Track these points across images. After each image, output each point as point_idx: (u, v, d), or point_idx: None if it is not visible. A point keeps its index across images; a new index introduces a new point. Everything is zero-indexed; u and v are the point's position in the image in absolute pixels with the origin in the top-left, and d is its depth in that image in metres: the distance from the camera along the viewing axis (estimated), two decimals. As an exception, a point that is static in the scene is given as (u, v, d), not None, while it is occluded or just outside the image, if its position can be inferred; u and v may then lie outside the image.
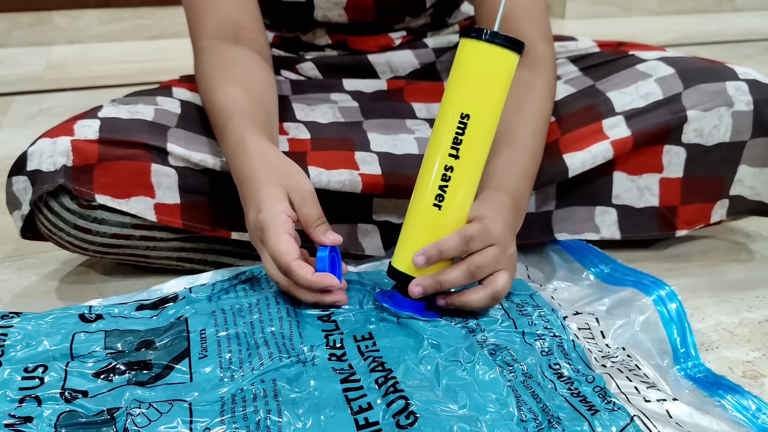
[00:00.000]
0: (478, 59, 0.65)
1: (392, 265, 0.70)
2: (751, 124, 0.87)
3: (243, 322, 0.67)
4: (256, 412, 0.56)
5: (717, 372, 0.71)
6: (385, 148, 0.87)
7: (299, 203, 0.70)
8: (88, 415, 0.56)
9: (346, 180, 0.82)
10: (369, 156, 0.86)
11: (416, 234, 0.68)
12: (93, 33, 2.24)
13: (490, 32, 0.64)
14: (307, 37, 0.98)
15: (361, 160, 0.85)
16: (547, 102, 0.86)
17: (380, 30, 0.97)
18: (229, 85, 0.81)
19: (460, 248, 0.67)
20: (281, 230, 0.67)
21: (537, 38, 0.86)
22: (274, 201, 0.69)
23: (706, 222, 0.92)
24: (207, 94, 0.83)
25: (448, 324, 0.68)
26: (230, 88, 0.81)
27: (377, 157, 0.86)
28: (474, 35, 0.65)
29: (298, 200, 0.70)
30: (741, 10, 2.83)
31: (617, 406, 0.59)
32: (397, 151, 0.87)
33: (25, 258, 0.94)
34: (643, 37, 2.15)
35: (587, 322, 0.73)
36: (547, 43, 0.88)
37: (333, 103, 0.96)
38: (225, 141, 0.78)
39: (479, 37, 0.65)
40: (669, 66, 0.90)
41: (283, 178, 0.71)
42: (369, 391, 0.59)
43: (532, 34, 0.86)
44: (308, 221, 0.70)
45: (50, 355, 0.64)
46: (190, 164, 0.82)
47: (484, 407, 0.58)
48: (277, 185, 0.71)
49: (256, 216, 0.69)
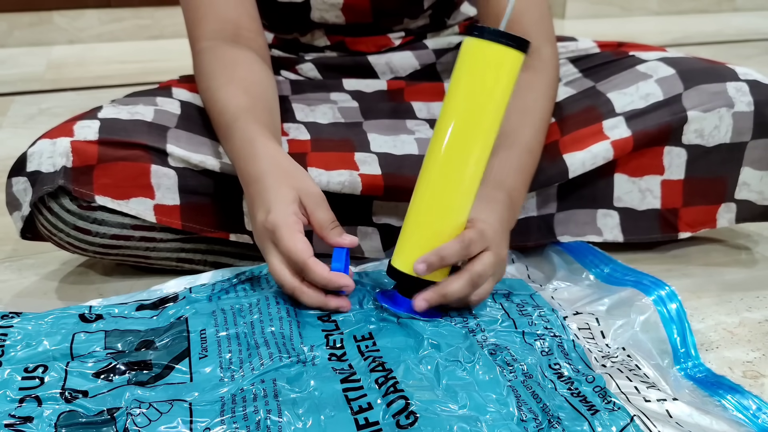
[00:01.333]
0: (483, 58, 0.64)
1: (392, 264, 0.69)
2: (752, 125, 0.86)
3: (243, 322, 0.67)
4: (256, 412, 0.56)
5: (717, 372, 0.71)
6: (385, 149, 0.87)
7: (312, 207, 0.70)
8: (88, 415, 0.56)
9: (345, 181, 0.82)
10: (369, 156, 0.86)
11: (416, 234, 0.68)
12: (93, 33, 2.24)
13: (495, 31, 0.63)
14: (306, 38, 0.98)
15: (360, 161, 0.85)
16: (548, 103, 0.86)
17: (378, 31, 0.97)
18: (232, 85, 0.81)
19: (461, 254, 0.67)
20: (294, 229, 0.67)
21: (541, 41, 0.86)
22: (285, 202, 0.69)
23: (711, 226, 0.91)
24: (209, 94, 0.83)
25: (448, 324, 0.68)
26: (233, 89, 0.81)
27: (377, 158, 0.86)
28: (478, 34, 0.64)
29: (312, 204, 0.70)
30: (741, 10, 2.83)
31: (617, 406, 0.59)
32: (397, 151, 0.87)
33: (25, 258, 0.94)
34: (643, 37, 2.15)
35: (587, 322, 0.74)
36: (550, 45, 0.88)
37: (333, 103, 0.96)
38: (230, 141, 0.78)
39: (483, 35, 0.64)
40: (669, 66, 0.90)
41: (293, 180, 0.71)
42: (369, 391, 0.59)
43: (536, 36, 0.85)
44: (322, 225, 0.70)
45: (50, 355, 0.64)
46: (190, 165, 0.82)
47: (485, 407, 0.58)
48: (288, 187, 0.70)
49: (266, 217, 0.69)
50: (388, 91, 0.98)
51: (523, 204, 0.88)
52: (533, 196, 0.89)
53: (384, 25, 0.96)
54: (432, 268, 0.67)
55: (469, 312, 0.72)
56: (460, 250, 0.67)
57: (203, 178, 0.83)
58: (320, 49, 0.99)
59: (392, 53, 0.98)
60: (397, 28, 0.98)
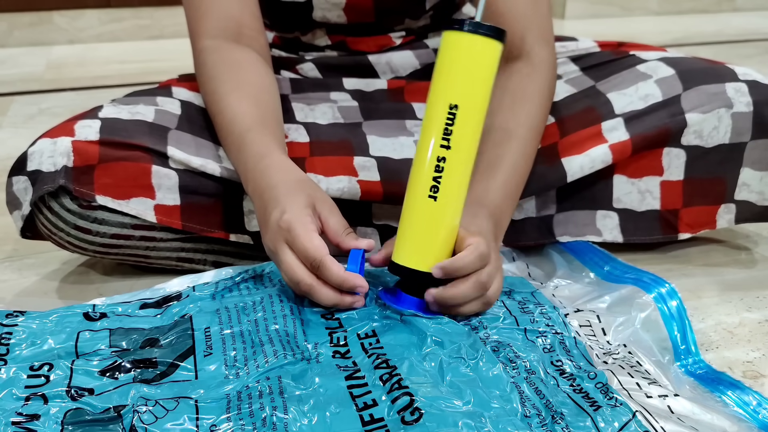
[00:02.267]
0: (462, 49, 0.66)
1: (393, 260, 0.70)
2: (751, 125, 0.86)
3: (247, 320, 0.67)
4: (262, 409, 0.56)
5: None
6: (384, 153, 0.87)
7: (327, 214, 0.70)
8: (94, 412, 0.56)
9: (344, 187, 0.83)
10: (368, 161, 0.86)
11: (414, 227, 0.68)
12: (93, 33, 2.24)
13: (472, 22, 0.65)
14: (307, 37, 0.98)
15: (360, 166, 0.85)
16: (543, 104, 0.85)
17: (380, 31, 0.98)
18: (240, 92, 0.81)
19: (477, 266, 0.67)
20: (310, 228, 0.67)
21: (534, 41, 0.86)
22: (300, 204, 0.69)
23: (711, 227, 0.91)
24: (215, 98, 0.83)
25: (451, 321, 0.68)
26: (242, 96, 0.81)
27: (376, 163, 0.86)
28: (456, 27, 0.65)
29: (326, 211, 0.70)
30: (741, 10, 2.84)
31: (619, 402, 0.60)
32: (396, 155, 0.87)
33: (25, 258, 0.94)
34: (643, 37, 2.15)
35: (588, 319, 0.74)
36: (546, 46, 0.87)
37: (333, 102, 0.96)
38: (242, 153, 0.77)
39: (461, 28, 0.65)
40: (669, 67, 0.90)
41: (307, 189, 0.72)
42: (374, 387, 0.59)
43: (530, 37, 0.85)
44: (337, 231, 0.70)
45: (55, 353, 0.64)
46: (191, 168, 0.82)
47: (489, 403, 0.58)
48: (303, 193, 0.70)
49: (281, 216, 0.68)
50: (389, 90, 0.98)
51: (521, 205, 0.89)
52: (532, 198, 0.89)
53: (386, 24, 0.97)
54: (448, 276, 0.67)
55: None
56: (476, 262, 0.67)
57: (204, 179, 0.83)
58: (321, 49, 0.99)
59: (393, 53, 0.98)
60: (398, 28, 0.98)
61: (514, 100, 0.83)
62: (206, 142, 0.85)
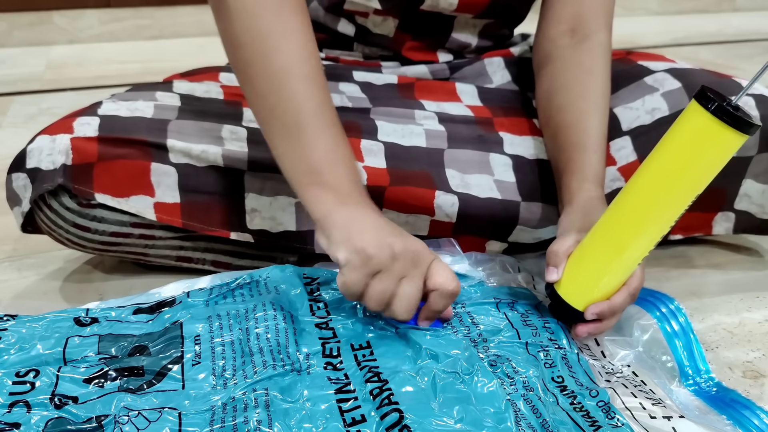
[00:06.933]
0: (705, 133, 0.61)
1: (555, 288, 0.70)
2: (758, 140, 0.86)
3: (239, 328, 0.66)
4: (246, 423, 0.54)
5: (717, 372, 0.70)
6: (393, 138, 0.86)
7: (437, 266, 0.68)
8: (76, 422, 0.55)
9: None
10: (375, 145, 0.84)
11: (590, 273, 0.69)
12: (93, 33, 2.23)
13: (727, 110, 0.59)
14: (374, 20, 0.94)
15: (366, 150, 0.84)
16: (607, 86, 0.85)
17: (440, 45, 0.97)
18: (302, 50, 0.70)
19: (627, 304, 0.70)
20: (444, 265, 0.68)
21: (601, 26, 0.86)
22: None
23: (706, 231, 0.91)
24: (264, 45, 0.69)
25: (447, 334, 0.66)
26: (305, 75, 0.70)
27: (383, 148, 0.84)
28: (709, 106, 0.59)
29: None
30: (741, 10, 2.83)
31: (621, 422, 0.58)
32: (405, 142, 0.86)
33: (25, 258, 0.94)
34: (643, 37, 2.15)
35: (587, 343, 0.72)
36: (608, 31, 0.88)
37: (341, 93, 0.95)
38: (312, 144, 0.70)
39: (714, 111, 0.59)
40: (676, 79, 0.89)
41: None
42: (363, 402, 0.58)
43: (595, 22, 0.86)
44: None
45: (43, 359, 0.62)
46: (191, 159, 0.81)
47: (481, 422, 0.56)
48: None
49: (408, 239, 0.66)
50: (398, 85, 0.96)
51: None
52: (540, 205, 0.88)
53: (492, 15, 0.95)
54: (602, 317, 0.69)
55: (471, 321, 0.70)
56: (628, 299, 0.69)
57: (204, 176, 0.82)
58: (373, 37, 0.96)
59: (408, 67, 0.97)
60: (464, 42, 0.97)
61: (590, 75, 0.85)
62: (208, 124, 0.83)
